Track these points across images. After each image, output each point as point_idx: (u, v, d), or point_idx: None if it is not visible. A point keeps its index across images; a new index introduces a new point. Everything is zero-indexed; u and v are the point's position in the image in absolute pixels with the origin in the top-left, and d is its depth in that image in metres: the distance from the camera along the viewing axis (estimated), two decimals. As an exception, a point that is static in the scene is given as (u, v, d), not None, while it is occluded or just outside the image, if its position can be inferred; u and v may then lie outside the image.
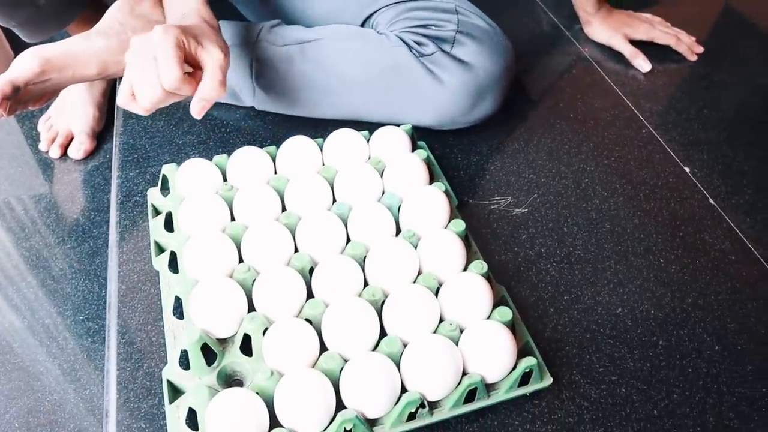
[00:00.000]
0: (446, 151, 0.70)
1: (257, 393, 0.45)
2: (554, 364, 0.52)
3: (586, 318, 0.56)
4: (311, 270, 0.53)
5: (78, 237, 0.78)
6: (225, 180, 0.61)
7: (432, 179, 0.62)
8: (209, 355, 0.49)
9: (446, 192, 0.60)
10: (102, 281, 0.74)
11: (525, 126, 0.76)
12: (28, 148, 0.89)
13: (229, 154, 0.62)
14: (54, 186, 0.84)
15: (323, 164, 0.63)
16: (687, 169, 0.72)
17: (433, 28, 0.68)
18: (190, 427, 0.46)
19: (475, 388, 0.48)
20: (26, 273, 0.75)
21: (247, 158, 0.60)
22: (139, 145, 0.71)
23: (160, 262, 0.56)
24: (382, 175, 0.61)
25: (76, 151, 0.86)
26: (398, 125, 0.66)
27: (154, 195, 0.63)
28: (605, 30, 0.88)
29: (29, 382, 0.65)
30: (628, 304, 0.58)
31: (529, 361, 0.49)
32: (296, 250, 0.55)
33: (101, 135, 0.88)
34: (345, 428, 0.45)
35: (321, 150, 0.63)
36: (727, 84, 0.85)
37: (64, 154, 0.87)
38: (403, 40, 0.67)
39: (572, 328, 0.55)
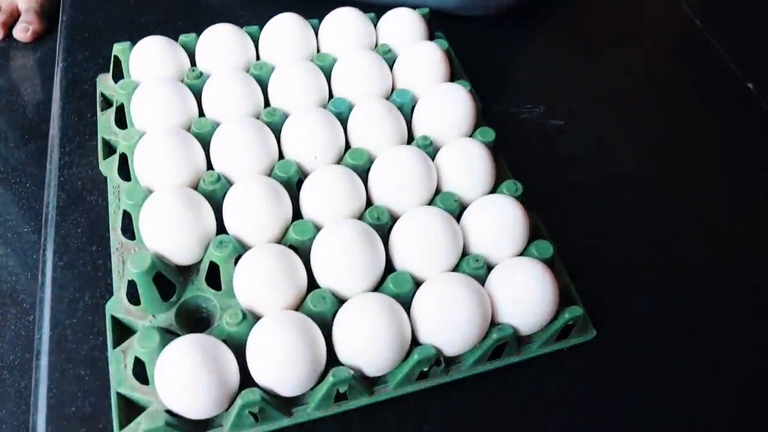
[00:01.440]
0: (467, 46, 0.56)
1: (224, 341, 0.35)
2: (594, 314, 0.42)
3: (634, 259, 0.46)
4: (299, 183, 0.41)
5: (23, 135, 0.65)
6: (193, 65, 0.48)
7: (453, 77, 0.50)
8: (166, 286, 0.38)
9: (471, 92, 0.47)
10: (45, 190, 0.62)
11: (563, 22, 0.63)
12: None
13: (199, 34, 0.49)
14: (-3, 73, 0.70)
15: (318, 50, 0.50)
16: (750, 86, 0.60)
17: None
18: (138, 379, 0.35)
19: (504, 343, 0.38)
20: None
21: (222, 38, 0.47)
22: (92, 22, 0.57)
23: (108, 167, 0.44)
24: (391, 68, 0.48)
25: (22, 31, 0.72)
26: (413, 7, 0.52)
27: (104, 82, 0.50)
28: None
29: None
30: (690, 246, 0.47)
31: (573, 312, 0.38)
32: (281, 157, 0.43)
33: (54, 14, 0.74)
34: (338, 390, 0.35)
35: (316, 33, 0.50)
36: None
37: (8, 35, 0.72)
38: None
39: (616, 271, 0.45)
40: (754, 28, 0.66)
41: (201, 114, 0.45)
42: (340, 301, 0.37)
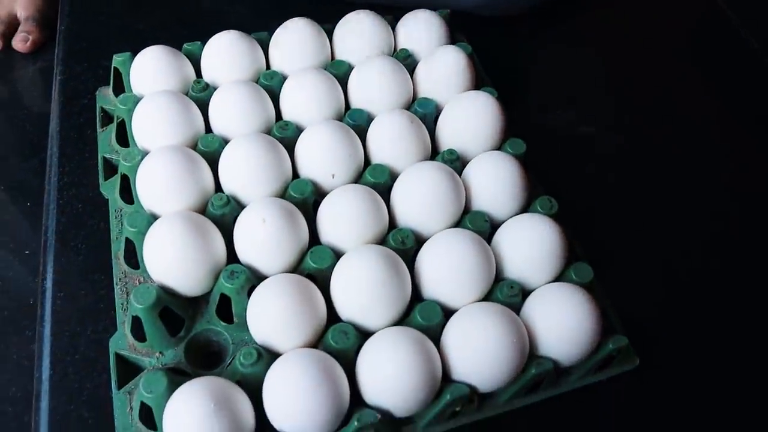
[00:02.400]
0: (490, 49, 0.53)
1: (238, 382, 0.32)
2: (637, 341, 0.38)
3: (678, 282, 0.42)
4: (315, 204, 0.38)
5: (23, 151, 0.63)
6: (198, 76, 0.45)
7: (478, 84, 0.46)
8: (173, 320, 0.35)
9: (498, 100, 0.44)
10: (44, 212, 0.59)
11: (594, 24, 0.59)
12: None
13: (204, 42, 0.46)
14: (-5, 85, 0.68)
15: (332, 57, 0.46)
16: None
17: None
18: (145, 424, 0.32)
19: (543, 379, 0.34)
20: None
21: (229, 46, 0.44)
22: (90, 32, 0.54)
23: (110, 188, 0.42)
24: (411, 74, 0.45)
25: (22, 42, 0.69)
26: (434, 9, 0.49)
27: (105, 96, 0.47)
28: None
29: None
30: (727, 253, 0.44)
31: (618, 341, 0.35)
32: (295, 176, 0.40)
33: (55, 22, 0.71)
34: (363, 434, 0.31)
35: (330, 38, 0.46)
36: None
37: (7, 45, 0.70)
38: None
39: (658, 295, 0.42)
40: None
41: (208, 130, 0.42)
42: (364, 335, 0.33)
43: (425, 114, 0.43)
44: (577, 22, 0.59)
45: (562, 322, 0.34)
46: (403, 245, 0.36)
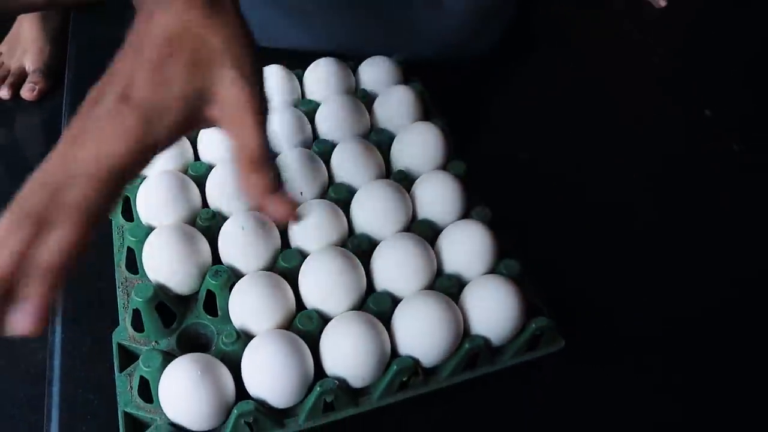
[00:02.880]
0: (443, 89, 0.61)
1: (221, 359, 0.38)
2: (564, 325, 0.45)
3: (601, 277, 0.50)
4: (287, 216, 0.45)
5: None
6: (188, 115, 0.53)
7: (427, 116, 0.54)
8: (167, 315, 0.42)
9: (443, 130, 0.52)
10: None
11: (530, 65, 0.68)
12: (-22, 89, 0.80)
13: (194, 86, 0.54)
14: (5, 130, 0.75)
15: (303, 96, 0.54)
16: (707, 112, 0.65)
17: None
18: (143, 398, 0.39)
19: (477, 353, 0.41)
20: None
21: (214, 90, 0.52)
22: (94, 78, 0.62)
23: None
24: (370, 110, 0.53)
25: (29, 91, 0.77)
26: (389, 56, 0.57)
27: (108, 133, 0.54)
28: None
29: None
30: (645, 255, 0.51)
31: (540, 322, 0.42)
32: (270, 194, 0.47)
33: (58, 74, 0.79)
34: (325, 400, 0.38)
35: (300, 81, 0.55)
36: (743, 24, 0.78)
37: (16, 94, 0.78)
38: None
39: (586, 289, 0.49)
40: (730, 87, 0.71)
41: (196, 158, 0.49)
42: (326, 320, 0.40)
43: (380, 142, 0.50)
44: (518, 65, 0.68)
45: (491, 305, 0.41)
46: (359, 248, 0.43)
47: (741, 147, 0.61)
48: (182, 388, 0.36)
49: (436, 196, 0.46)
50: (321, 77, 0.54)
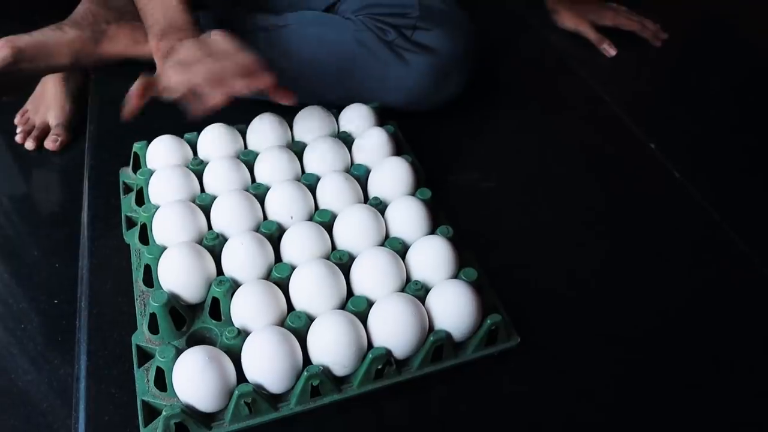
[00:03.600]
0: (415, 131, 0.70)
1: (224, 352, 0.46)
2: (522, 326, 0.53)
3: (552, 283, 0.58)
4: (279, 236, 0.54)
5: (53, 225, 0.78)
6: (195, 155, 0.62)
7: (400, 153, 0.63)
8: (178, 320, 0.49)
9: (412, 164, 0.61)
10: (77, 270, 0.74)
11: (492, 108, 0.77)
12: (4, 142, 0.89)
13: (199, 131, 0.63)
14: (30, 177, 0.84)
15: (293, 139, 0.63)
16: (652, 145, 0.74)
17: (396, 16, 0.69)
18: (158, 388, 0.46)
19: (441, 346, 0.48)
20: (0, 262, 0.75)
21: (217, 134, 0.61)
22: (113, 129, 0.71)
23: (131, 236, 0.57)
24: (350, 149, 0.62)
25: (52, 142, 0.86)
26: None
27: (125, 174, 0.63)
28: (572, 17, 0.90)
29: (2, 364, 0.65)
30: (592, 268, 0.59)
31: (494, 318, 0.49)
32: (265, 218, 0.56)
33: (77, 128, 0.89)
34: (312, 384, 0.45)
35: (291, 126, 0.64)
36: (691, 66, 0.88)
37: (40, 146, 0.87)
38: (366, 25, 0.68)
39: (539, 293, 0.56)
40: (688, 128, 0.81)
41: (202, 190, 0.58)
42: (312, 319, 0.48)
43: (359, 175, 0.59)
44: (481, 108, 0.77)
45: (452, 305, 0.49)
46: (340, 260, 0.51)
47: (681, 176, 0.69)
48: (192, 372, 0.43)
49: (406, 217, 0.55)
50: (308, 122, 0.63)
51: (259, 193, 0.56)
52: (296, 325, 0.47)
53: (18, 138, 0.88)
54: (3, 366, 0.65)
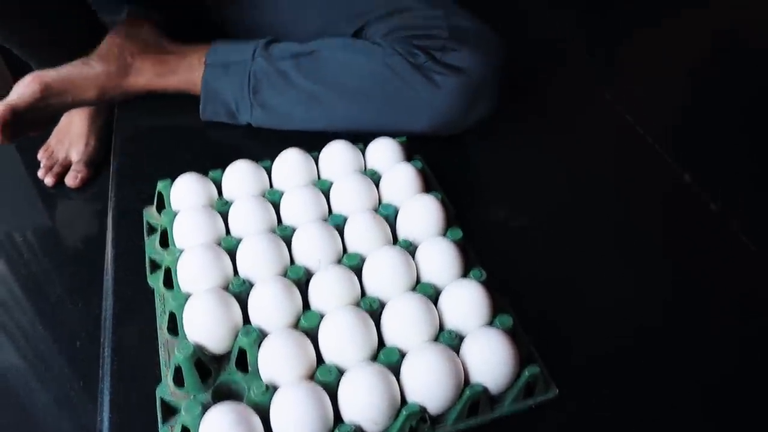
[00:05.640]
0: (442, 161, 0.69)
1: (252, 408, 0.44)
2: (560, 376, 0.50)
3: (591, 329, 0.55)
4: (307, 281, 0.52)
5: (75, 263, 0.77)
6: (220, 194, 0.60)
7: (428, 189, 0.61)
8: (204, 372, 0.48)
9: (442, 201, 0.59)
10: (100, 308, 0.73)
11: (518, 136, 0.76)
12: (29, 177, 0.89)
13: (224, 169, 0.61)
14: (52, 214, 0.84)
15: (318, 176, 0.62)
16: (686, 176, 0.71)
17: (424, 38, 0.68)
18: (184, 446, 0.44)
19: (479, 401, 0.46)
20: (23, 300, 0.74)
21: (242, 172, 0.60)
22: (137, 165, 0.70)
23: (155, 279, 0.55)
24: (377, 186, 0.60)
25: (73, 179, 0.86)
26: (394, 136, 0.65)
27: (149, 213, 0.62)
28: None
29: (25, 408, 0.64)
30: (634, 314, 0.56)
31: (531, 370, 0.47)
32: (292, 262, 0.54)
33: (100, 165, 0.88)
34: (343, 443, 0.43)
35: (316, 162, 0.62)
36: (726, 90, 0.85)
37: (60, 182, 0.87)
38: (395, 49, 0.67)
39: (578, 339, 0.54)
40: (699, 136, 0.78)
41: (228, 232, 0.56)
42: (342, 371, 0.46)
43: (387, 214, 0.57)
44: (508, 137, 0.75)
45: (489, 357, 0.46)
46: (371, 308, 0.49)
47: (718, 207, 0.67)
48: (219, 429, 0.41)
49: (437, 260, 0.53)
50: (334, 159, 0.62)
51: (285, 234, 0.55)
52: (327, 379, 0.45)
53: (40, 173, 0.88)
54: (25, 409, 0.64)
